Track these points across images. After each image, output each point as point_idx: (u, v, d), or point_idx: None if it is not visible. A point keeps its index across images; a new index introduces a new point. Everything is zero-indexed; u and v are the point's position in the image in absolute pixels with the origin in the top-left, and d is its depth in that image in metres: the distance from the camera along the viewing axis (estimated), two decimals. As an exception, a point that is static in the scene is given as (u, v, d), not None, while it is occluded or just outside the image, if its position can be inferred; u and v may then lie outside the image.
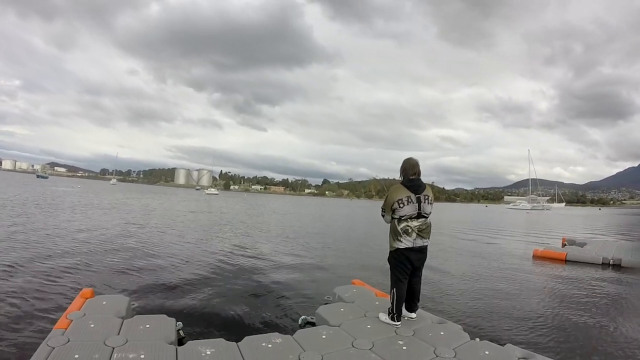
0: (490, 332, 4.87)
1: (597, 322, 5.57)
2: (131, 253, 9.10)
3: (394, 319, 3.85)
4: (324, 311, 4.20)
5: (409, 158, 4.03)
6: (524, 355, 3.27)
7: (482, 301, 6.50)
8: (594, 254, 11.29)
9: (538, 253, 11.86)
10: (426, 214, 3.89)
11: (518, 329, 5.16)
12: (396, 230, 3.86)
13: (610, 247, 13.13)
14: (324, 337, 3.47)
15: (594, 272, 9.48)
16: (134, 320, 3.63)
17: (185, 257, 9.16)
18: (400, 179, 4.04)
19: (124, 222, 16.20)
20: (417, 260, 3.94)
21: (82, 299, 4.10)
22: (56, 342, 2.99)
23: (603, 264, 10.48)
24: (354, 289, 5.14)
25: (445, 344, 3.39)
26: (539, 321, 5.49)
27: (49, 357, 2.75)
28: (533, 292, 7.35)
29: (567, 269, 9.91)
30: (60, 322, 3.44)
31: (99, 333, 3.21)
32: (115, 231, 12.88)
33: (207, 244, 11.62)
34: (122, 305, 3.96)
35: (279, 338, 3.39)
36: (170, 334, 3.37)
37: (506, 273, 9.17)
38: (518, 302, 6.48)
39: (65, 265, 7.34)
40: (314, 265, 9.27)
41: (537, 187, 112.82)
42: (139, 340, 3.13)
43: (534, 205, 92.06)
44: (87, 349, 2.91)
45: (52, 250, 8.59)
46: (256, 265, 8.69)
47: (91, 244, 9.84)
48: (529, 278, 8.76)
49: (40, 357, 2.76)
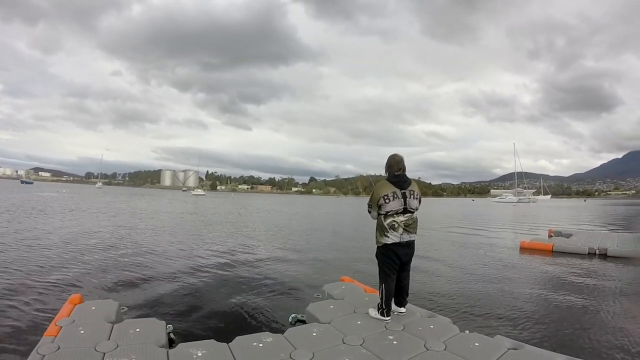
0: (480, 324, 4.93)
1: (584, 311, 5.69)
2: (119, 256, 9.01)
3: (383, 314, 3.90)
4: (314, 309, 4.23)
5: (394, 154, 4.08)
6: (514, 346, 3.33)
7: (470, 294, 6.58)
8: (580, 245, 11.48)
9: (525, 244, 12.03)
10: (412, 209, 3.94)
11: (507, 320, 5.23)
12: (383, 225, 3.90)
13: (596, 238, 13.33)
14: (315, 334, 3.51)
15: (581, 262, 9.65)
16: (124, 324, 3.60)
17: (174, 259, 9.10)
18: (386, 175, 4.09)
19: (110, 225, 15.98)
20: (405, 255, 3.99)
21: (71, 304, 4.05)
22: (46, 349, 2.95)
23: (589, 254, 10.65)
24: (343, 286, 5.17)
25: (436, 337, 3.45)
26: (527, 312, 5.57)
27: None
28: (521, 283, 7.46)
29: (554, 260, 10.07)
30: (49, 330, 3.40)
31: (89, 339, 3.18)
32: (101, 235, 12.70)
33: (195, 245, 11.55)
34: (111, 310, 3.93)
35: (270, 337, 3.41)
36: (161, 337, 3.36)
37: (494, 265, 9.30)
38: (506, 294, 6.58)
39: (52, 271, 7.23)
40: (303, 263, 9.31)
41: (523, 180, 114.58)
42: (129, 345, 3.12)
43: (520, 198, 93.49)
44: (78, 355, 2.89)
45: (38, 257, 8.44)
46: (245, 265, 8.69)
47: (78, 249, 9.70)
48: (516, 269, 8.89)
49: None
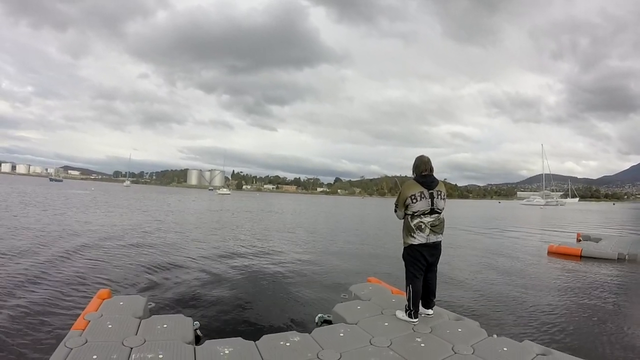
0: (508, 329, 4.81)
1: (614, 319, 5.48)
2: (147, 253, 9.19)
3: (411, 315, 3.81)
4: (341, 309, 4.17)
5: (421, 155, 4.03)
6: (542, 352, 3.22)
7: (498, 297, 6.43)
8: (609, 250, 11.11)
9: (553, 249, 11.68)
10: (439, 209, 3.86)
11: (535, 324, 5.10)
12: (409, 226, 3.83)
13: (625, 242, 12.90)
14: (342, 335, 3.45)
15: (610, 268, 9.32)
16: (151, 320, 3.63)
17: (201, 256, 9.21)
18: (413, 176, 4.02)
19: (139, 222, 16.37)
20: (432, 256, 3.91)
21: (99, 299, 4.12)
22: (74, 343, 2.99)
23: (619, 259, 10.32)
24: (369, 287, 5.11)
25: (463, 341, 3.35)
26: (556, 317, 5.42)
27: (67, 358, 2.75)
28: (549, 288, 7.24)
29: (583, 265, 9.75)
30: (77, 323, 3.45)
31: (117, 333, 3.21)
32: (130, 231, 13.04)
33: (222, 243, 11.68)
34: (139, 306, 3.97)
35: (297, 336, 3.37)
36: (188, 334, 3.36)
37: (522, 269, 9.07)
38: (535, 299, 6.40)
39: (81, 266, 7.44)
40: (329, 263, 9.27)
41: (551, 182, 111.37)
42: (156, 340, 3.13)
43: (548, 201, 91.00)
44: (105, 349, 2.91)
45: (68, 251, 8.70)
46: (271, 264, 8.71)
47: (107, 245, 9.96)
48: (544, 274, 8.64)
49: (58, 358, 2.76)
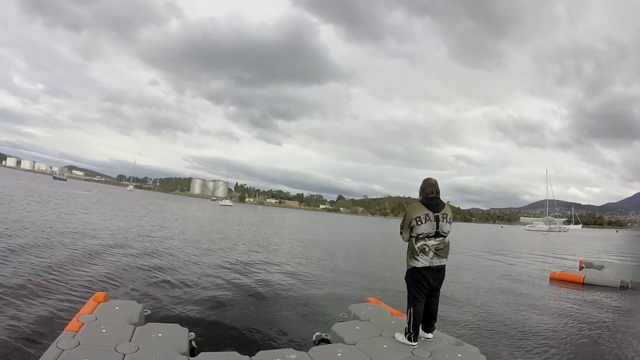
0: (508, 355, 4.74)
1: (615, 347, 5.40)
2: (146, 259, 9.14)
3: (410, 339, 3.73)
4: (339, 329, 4.10)
5: (428, 178, 4.01)
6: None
7: (499, 323, 6.33)
8: (611, 278, 11.04)
9: (555, 276, 11.57)
10: (444, 232, 3.81)
11: (535, 352, 5.01)
12: (413, 248, 3.78)
13: (628, 270, 12.84)
14: (340, 355, 3.38)
15: (612, 296, 9.21)
16: (147, 327, 3.58)
17: (201, 267, 9.15)
18: (419, 198, 3.99)
19: (143, 227, 16.36)
20: (435, 280, 3.84)
21: (95, 302, 4.07)
22: (66, 344, 2.95)
23: (622, 287, 10.23)
24: (369, 307, 5.02)
25: (464, 368, 3.27)
26: (557, 345, 5.36)
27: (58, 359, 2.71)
28: (550, 315, 7.13)
29: (585, 293, 9.63)
30: (71, 325, 3.40)
31: (110, 338, 3.16)
32: (134, 236, 13.02)
33: (223, 255, 11.58)
34: (134, 312, 3.92)
35: (294, 354, 3.31)
36: (183, 344, 3.31)
37: (523, 294, 8.94)
38: (535, 326, 6.30)
39: (80, 267, 7.39)
40: (329, 281, 9.13)
41: (555, 208, 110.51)
42: (150, 349, 3.08)
43: (551, 227, 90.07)
44: (98, 354, 2.86)
45: (67, 252, 8.65)
46: (271, 280, 8.60)
47: (107, 248, 9.92)
48: (546, 301, 8.52)
49: (48, 358, 2.72)
